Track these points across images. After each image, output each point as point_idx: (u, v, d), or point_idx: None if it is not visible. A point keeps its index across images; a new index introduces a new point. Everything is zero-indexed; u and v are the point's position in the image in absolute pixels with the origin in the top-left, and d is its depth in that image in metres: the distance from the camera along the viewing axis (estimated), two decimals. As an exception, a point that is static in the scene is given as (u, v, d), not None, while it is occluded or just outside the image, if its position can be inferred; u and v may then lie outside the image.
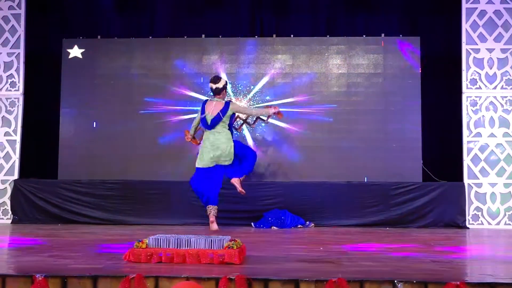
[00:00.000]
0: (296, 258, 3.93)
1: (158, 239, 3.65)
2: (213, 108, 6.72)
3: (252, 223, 7.46)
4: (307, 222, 7.50)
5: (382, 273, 3.28)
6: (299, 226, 7.42)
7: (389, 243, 5.37)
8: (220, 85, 6.75)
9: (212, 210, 6.73)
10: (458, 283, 2.91)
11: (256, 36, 8.35)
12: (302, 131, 8.15)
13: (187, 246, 3.61)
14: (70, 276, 3.02)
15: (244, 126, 7.79)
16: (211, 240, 3.63)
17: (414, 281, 2.94)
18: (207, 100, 6.96)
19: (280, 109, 7.04)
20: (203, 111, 6.79)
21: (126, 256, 3.60)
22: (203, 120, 6.78)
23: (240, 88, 8.16)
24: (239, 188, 6.77)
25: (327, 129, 8.15)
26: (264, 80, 8.22)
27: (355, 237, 6.03)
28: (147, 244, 3.62)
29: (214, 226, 6.67)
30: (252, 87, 8.18)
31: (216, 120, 6.69)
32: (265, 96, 8.19)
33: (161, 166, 8.17)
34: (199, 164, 6.83)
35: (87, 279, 3.01)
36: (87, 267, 3.35)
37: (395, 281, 2.95)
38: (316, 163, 8.11)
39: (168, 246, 3.62)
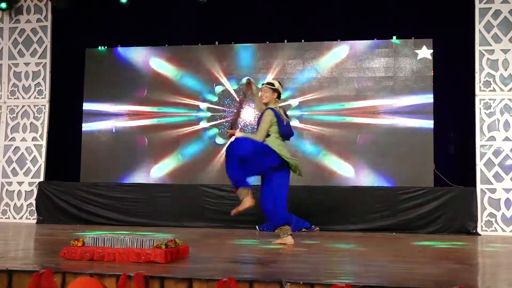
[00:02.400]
0: (232, 259, 4.03)
1: (94, 238, 3.85)
2: None
3: (257, 226, 7.55)
4: (313, 226, 7.51)
5: (298, 275, 3.33)
6: (304, 229, 7.44)
7: (364, 248, 5.36)
8: None
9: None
10: (344, 285, 2.94)
11: (268, 42, 8.45)
12: (310, 135, 8.18)
13: (121, 245, 3.80)
14: (-12, 270, 3.27)
15: None
16: (143, 240, 3.80)
17: (301, 282, 2.99)
18: None
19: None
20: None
21: (62, 253, 3.83)
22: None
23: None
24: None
25: (337, 133, 8.14)
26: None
27: (339, 241, 6.02)
28: (83, 243, 3.84)
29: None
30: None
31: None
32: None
33: (176, 171, 8.42)
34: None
35: (3, 273, 3.25)
36: (23, 263, 3.60)
37: (283, 282, 3.01)
38: (324, 167, 8.12)
39: (104, 245, 3.82)
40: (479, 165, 7.54)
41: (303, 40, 8.37)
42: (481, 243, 6.34)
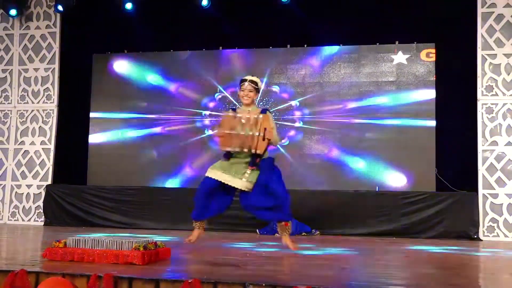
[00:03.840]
0: (210, 262, 4.09)
1: (75, 239, 3.95)
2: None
3: (257, 230, 7.60)
4: (313, 230, 7.53)
5: (262, 276, 3.38)
6: (304, 233, 7.47)
7: (352, 252, 5.38)
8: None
9: None
10: (304, 287, 2.98)
11: (271, 47, 8.51)
12: (313, 139, 8.21)
13: (101, 247, 3.88)
14: (-38, 269, 3.38)
15: None
16: (122, 242, 3.88)
17: (264, 284, 3.04)
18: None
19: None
20: None
21: (44, 254, 3.93)
22: None
23: (253, 97, 8.34)
24: None
25: (338, 137, 8.16)
26: (277, 89, 8.37)
27: (334, 245, 6.04)
28: (65, 244, 3.94)
29: None
30: (265, 97, 8.35)
31: None
32: (278, 105, 8.33)
33: (181, 174, 8.52)
34: None
35: (-21, 273, 3.36)
36: (4, 263, 3.71)
37: (246, 283, 3.06)
38: (326, 172, 8.14)
39: (85, 246, 3.91)
40: (481, 170, 7.50)
41: (305, 45, 8.41)
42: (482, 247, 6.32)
